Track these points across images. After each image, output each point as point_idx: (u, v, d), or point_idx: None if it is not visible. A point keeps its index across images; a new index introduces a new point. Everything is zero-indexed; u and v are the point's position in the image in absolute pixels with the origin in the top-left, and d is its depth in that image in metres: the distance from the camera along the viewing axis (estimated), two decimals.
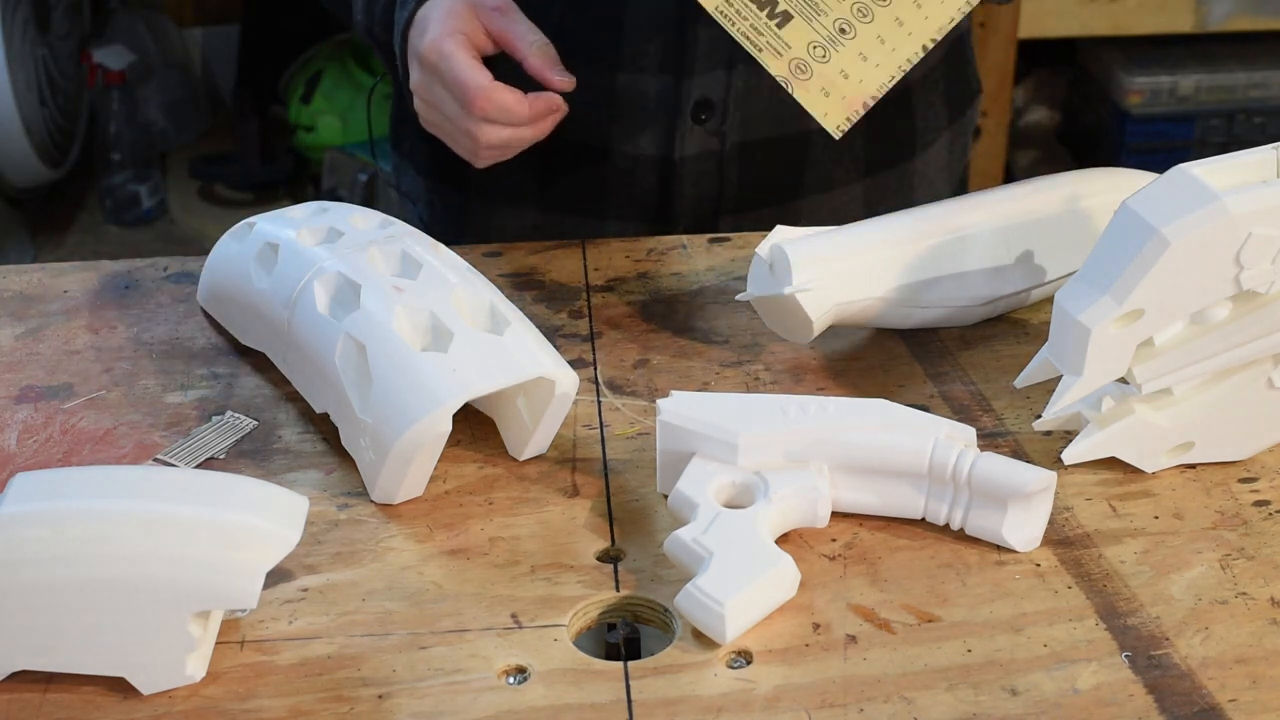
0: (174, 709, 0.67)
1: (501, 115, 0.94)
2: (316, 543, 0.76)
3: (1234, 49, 2.52)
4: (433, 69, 0.95)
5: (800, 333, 0.91)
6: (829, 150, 1.13)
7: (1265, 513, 0.78)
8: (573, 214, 1.12)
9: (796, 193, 1.14)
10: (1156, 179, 0.76)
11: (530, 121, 0.95)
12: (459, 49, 0.94)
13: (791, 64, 0.89)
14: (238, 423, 0.86)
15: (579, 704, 0.66)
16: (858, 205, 1.15)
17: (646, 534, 0.77)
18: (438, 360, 0.78)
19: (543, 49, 0.96)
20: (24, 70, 2.43)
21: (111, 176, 2.61)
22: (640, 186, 1.11)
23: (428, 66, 0.96)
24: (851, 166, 1.15)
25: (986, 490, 0.74)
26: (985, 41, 2.39)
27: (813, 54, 0.89)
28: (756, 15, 0.88)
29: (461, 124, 0.95)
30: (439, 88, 0.96)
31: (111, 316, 0.98)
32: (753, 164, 1.11)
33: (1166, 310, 0.75)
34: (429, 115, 0.99)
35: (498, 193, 1.14)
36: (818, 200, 1.14)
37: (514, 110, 0.94)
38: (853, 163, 1.14)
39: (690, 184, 1.10)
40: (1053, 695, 0.66)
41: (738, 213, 1.13)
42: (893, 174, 1.17)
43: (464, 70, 0.93)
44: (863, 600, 0.72)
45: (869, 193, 1.16)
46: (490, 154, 0.97)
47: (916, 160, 1.18)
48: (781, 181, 1.13)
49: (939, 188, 1.21)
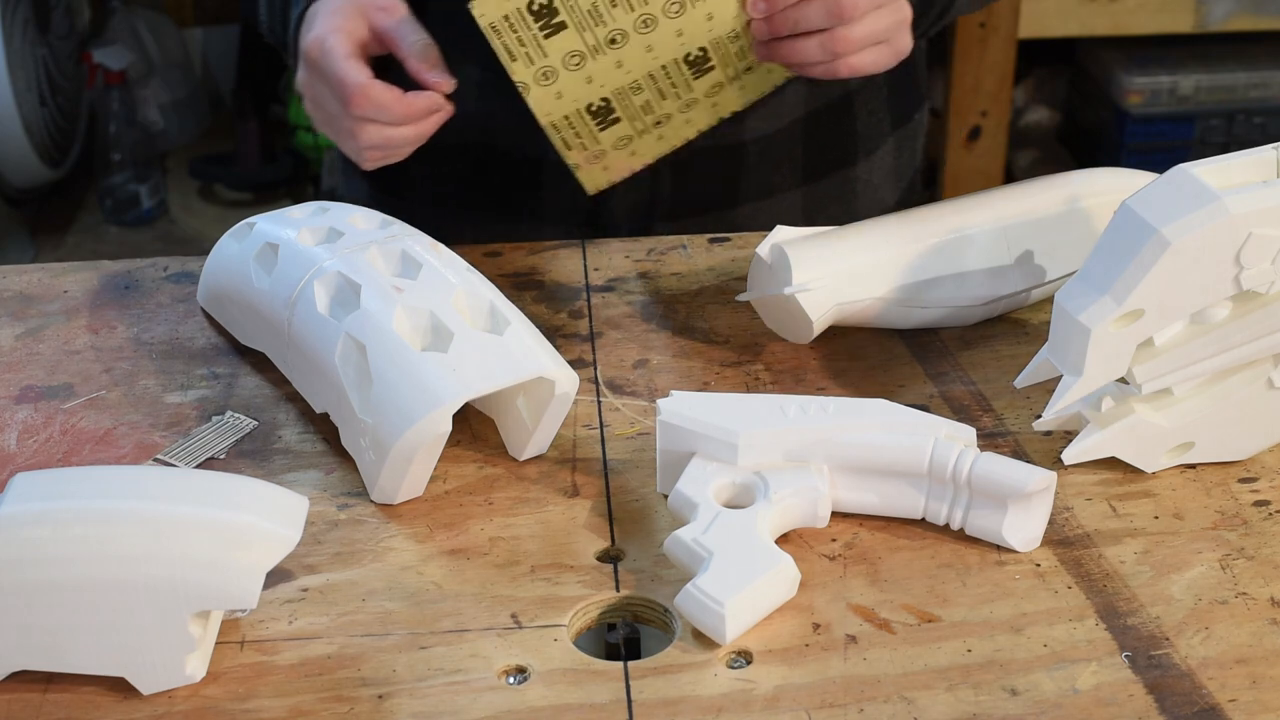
0: (174, 709, 0.67)
1: (378, 113, 0.92)
2: (316, 543, 0.76)
3: (1234, 49, 2.52)
4: (314, 65, 0.94)
5: (800, 333, 0.91)
6: (766, 158, 1.12)
7: (1265, 513, 0.78)
8: (510, 221, 1.11)
9: (733, 200, 1.13)
10: (1156, 179, 0.76)
11: (408, 120, 0.93)
12: (339, 45, 0.93)
13: (590, 154, 0.96)
14: (238, 423, 0.86)
15: (579, 704, 0.66)
16: (797, 212, 1.15)
17: (646, 534, 0.77)
18: (438, 360, 0.78)
19: (424, 49, 0.94)
20: (24, 70, 2.43)
21: (111, 176, 2.61)
22: (574, 195, 1.10)
23: (310, 63, 0.95)
24: (790, 174, 1.14)
25: (986, 490, 0.74)
26: (985, 41, 2.39)
27: (617, 145, 0.97)
28: (584, 122, 0.94)
29: (343, 122, 0.94)
30: (321, 85, 0.95)
31: (111, 316, 0.98)
32: (686, 172, 1.10)
33: (1166, 310, 0.75)
34: (315, 113, 0.98)
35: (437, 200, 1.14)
36: (755, 208, 1.14)
37: (390, 108, 0.92)
38: (791, 170, 1.14)
39: (621, 192, 1.09)
40: (1053, 695, 0.66)
41: (674, 220, 1.12)
42: (833, 181, 1.16)
43: (341, 67, 0.92)
44: (863, 600, 0.72)
45: (808, 200, 1.15)
46: (373, 155, 0.95)
47: (859, 167, 1.17)
48: (716, 189, 1.13)
49: (884, 194, 1.20)
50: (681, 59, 0.92)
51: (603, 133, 0.95)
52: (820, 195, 1.16)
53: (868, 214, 1.18)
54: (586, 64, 0.90)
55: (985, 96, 2.43)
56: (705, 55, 0.92)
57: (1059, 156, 2.67)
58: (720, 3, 0.91)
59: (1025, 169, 2.63)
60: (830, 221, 1.14)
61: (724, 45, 0.93)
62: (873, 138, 1.17)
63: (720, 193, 1.13)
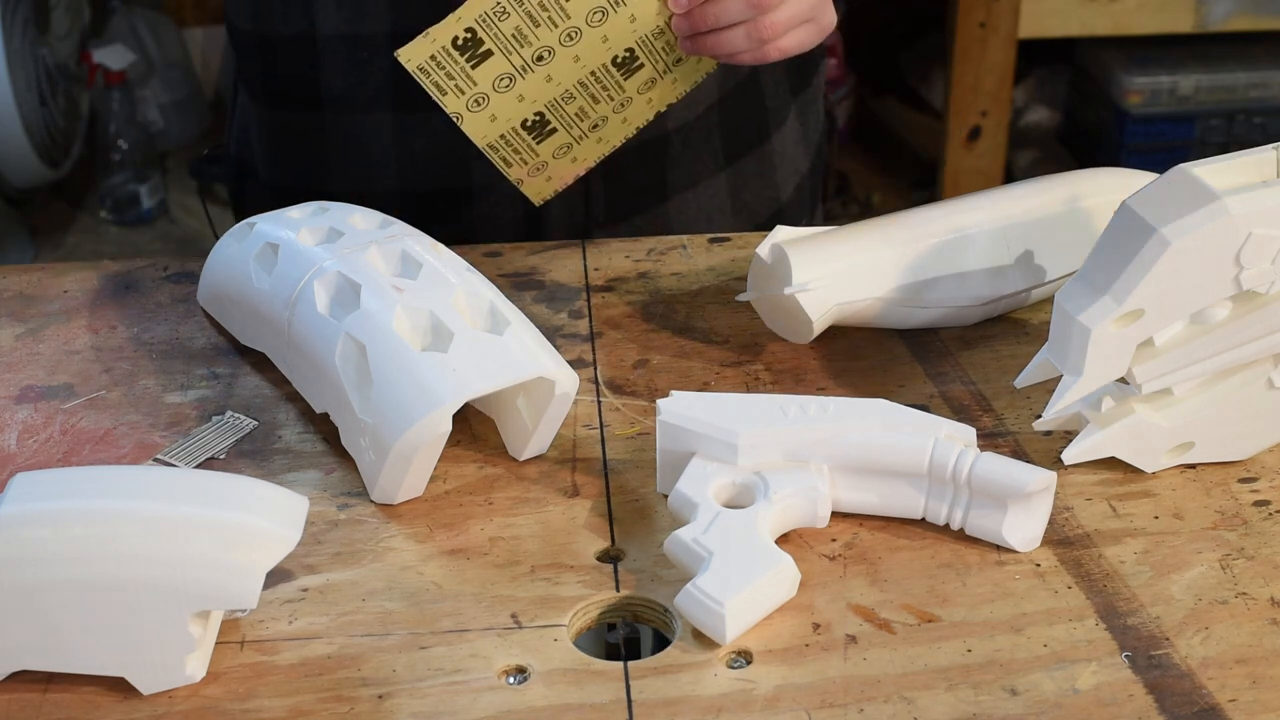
0: (174, 709, 0.67)
1: None
2: (316, 543, 0.76)
3: (1234, 49, 2.52)
4: None
5: (801, 333, 0.91)
6: (688, 148, 1.13)
7: (1265, 513, 0.78)
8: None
9: (663, 194, 1.14)
10: (1156, 179, 0.76)
11: None
12: None
13: (531, 168, 0.97)
14: (238, 423, 0.86)
15: (579, 704, 0.66)
16: (724, 195, 1.15)
17: (646, 534, 0.77)
18: (438, 360, 0.78)
19: None
20: (24, 70, 2.43)
21: (111, 176, 2.61)
22: (506, 218, 1.10)
23: None
24: (710, 160, 1.15)
25: (986, 490, 0.74)
26: (985, 41, 2.39)
27: (556, 154, 0.98)
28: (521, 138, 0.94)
29: None
30: None
31: (111, 316, 0.98)
32: (616, 174, 1.11)
33: (1166, 310, 0.75)
34: None
35: None
36: (685, 199, 1.14)
37: None
38: (711, 156, 1.14)
39: (556, 203, 1.09)
40: (1053, 695, 0.66)
41: (610, 224, 1.13)
42: (751, 158, 1.17)
43: None
44: (863, 600, 0.72)
45: (732, 180, 1.16)
46: None
47: (773, 140, 1.18)
48: (647, 186, 1.13)
49: (799, 162, 1.21)
50: (609, 63, 0.92)
51: (540, 145, 0.95)
52: (742, 174, 1.17)
53: (786, 184, 1.19)
54: (517, 84, 0.90)
55: (985, 96, 2.43)
56: (633, 55, 0.93)
57: (1059, 156, 2.67)
58: (641, 3, 0.91)
59: (1025, 169, 2.63)
60: (755, 197, 1.16)
61: (649, 43, 0.93)
62: (779, 110, 1.18)
63: (650, 188, 1.14)
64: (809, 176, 1.23)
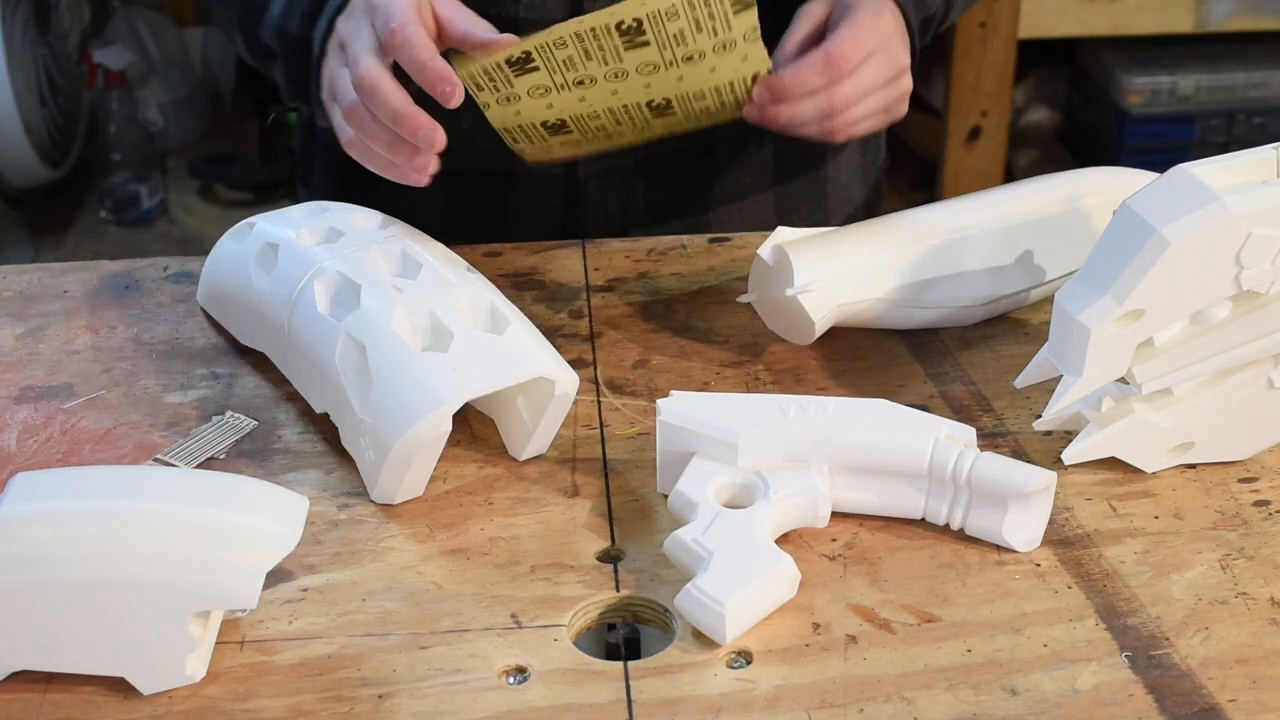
0: (174, 709, 0.67)
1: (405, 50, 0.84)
2: (316, 543, 0.76)
3: (1234, 49, 2.52)
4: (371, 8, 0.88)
5: (802, 334, 0.91)
6: (736, 161, 1.12)
7: (1265, 513, 0.78)
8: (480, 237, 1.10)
9: (705, 205, 1.13)
10: (1156, 179, 0.76)
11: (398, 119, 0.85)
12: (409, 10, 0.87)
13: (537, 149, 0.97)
14: (238, 423, 0.86)
15: (579, 704, 0.66)
16: (770, 214, 1.14)
17: (646, 534, 0.77)
18: (438, 360, 0.78)
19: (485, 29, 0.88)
20: (24, 70, 2.43)
21: (111, 176, 2.61)
22: (546, 206, 1.10)
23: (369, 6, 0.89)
24: (760, 176, 1.14)
25: (986, 490, 0.74)
26: (985, 41, 2.39)
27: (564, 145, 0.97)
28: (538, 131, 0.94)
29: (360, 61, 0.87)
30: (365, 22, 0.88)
31: (111, 316, 0.98)
32: (659, 178, 1.10)
33: (1166, 310, 0.75)
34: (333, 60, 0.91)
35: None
36: (729, 210, 1.14)
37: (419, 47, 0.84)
38: (761, 172, 1.14)
39: (595, 202, 1.09)
40: (1053, 695, 0.66)
41: (645, 226, 1.12)
42: (804, 181, 1.16)
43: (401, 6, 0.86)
44: (863, 600, 0.72)
45: (780, 201, 1.15)
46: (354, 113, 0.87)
47: (829, 166, 1.17)
48: (689, 194, 1.13)
49: (853, 192, 1.20)
50: (644, 103, 0.92)
51: (553, 139, 0.95)
52: (791, 196, 1.16)
53: (839, 213, 1.18)
54: (550, 95, 0.90)
55: (985, 96, 2.43)
56: (669, 103, 0.93)
57: (1059, 156, 2.67)
58: (694, 74, 0.90)
59: (1025, 169, 2.63)
60: (803, 222, 1.14)
61: (688, 103, 0.93)
62: None
63: (693, 197, 1.13)
64: (862, 209, 1.21)
